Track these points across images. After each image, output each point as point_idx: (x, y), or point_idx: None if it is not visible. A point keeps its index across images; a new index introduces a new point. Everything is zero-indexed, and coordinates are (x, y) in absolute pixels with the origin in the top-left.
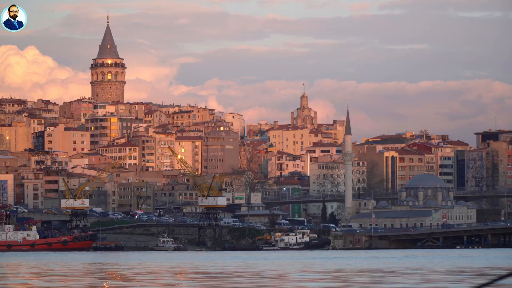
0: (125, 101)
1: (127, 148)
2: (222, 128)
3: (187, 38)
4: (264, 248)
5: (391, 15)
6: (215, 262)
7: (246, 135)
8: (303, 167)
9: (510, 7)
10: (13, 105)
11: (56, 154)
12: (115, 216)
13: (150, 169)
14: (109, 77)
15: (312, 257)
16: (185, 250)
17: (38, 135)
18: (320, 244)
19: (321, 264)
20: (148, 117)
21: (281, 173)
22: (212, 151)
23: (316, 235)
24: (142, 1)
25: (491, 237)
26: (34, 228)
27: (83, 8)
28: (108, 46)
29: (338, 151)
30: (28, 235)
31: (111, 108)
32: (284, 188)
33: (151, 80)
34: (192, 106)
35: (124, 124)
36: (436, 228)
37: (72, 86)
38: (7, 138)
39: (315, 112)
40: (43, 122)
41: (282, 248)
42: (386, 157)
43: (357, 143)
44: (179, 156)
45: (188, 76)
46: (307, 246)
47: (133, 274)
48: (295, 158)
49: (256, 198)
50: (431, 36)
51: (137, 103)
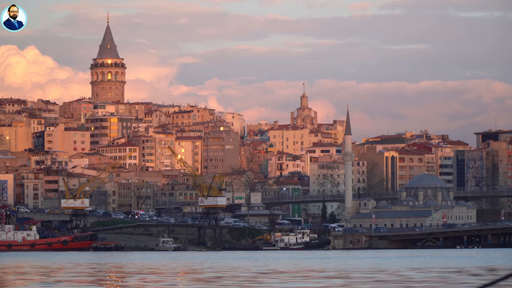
0: (125, 101)
1: (127, 148)
2: (222, 128)
3: (187, 38)
4: (264, 248)
5: (391, 15)
6: (210, 262)
7: (246, 135)
8: (303, 167)
9: (510, 7)
10: (13, 105)
11: (56, 154)
12: (118, 217)
13: (150, 169)
14: (109, 77)
15: (309, 257)
16: (185, 250)
17: (38, 135)
18: (320, 244)
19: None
20: (148, 117)
21: (281, 173)
22: (212, 151)
23: (316, 235)
24: (142, 1)
25: (491, 237)
26: (34, 228)
27: (83, 8)
28: (108, 46)
29: (338, 151)
30: (28, 235)
31: (111, 108)
32: (284, 188)
33: (151, 80)
34: (192, 106)
35: (124, 124)
36: (436, 228)
37: (72, 86)
38: (7, 138)
39: (315, 112)
40: (43, 122)
41: (282, 248)
42: (386, 157)
43: (357, 143)
44: (179, 156)
45: (188, 76)
46: (307, 246)
47: (132, 274)
48: (295, 158)
49: (256, 198)
50: (431, 36)
51: (137, 103)
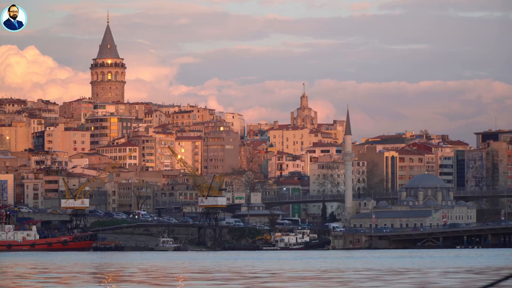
0: (125, 101)
1: (127, 148)
2: (222, 128)
3: (187, 38)
4: (264, 248)
5: (391, 15)
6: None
7: (246, 135)
8: (303, 167)
9: (510, 7)
10: (13, 105)
11: (56, 154)
12: (120, 217)
13: (150, 169)
14: (109, 77)
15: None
16: (185, 250)
17: (38, 135)
18: (320, 244)
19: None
20: (148, 117)
21: (281, 173)
22: (212, 151)
23: (316, 235)
24: (142, 1)
25: (491, 237)
26: (34, 228)
27: (83, 8)
28: (108, 46)
29: (338, 151)
30: (28, 235)
31: (111, 108)
32: (284, 188)
33: (151, 80)
34: (192, 106)
35: (124, 124)
36: (436, 228)
37: (72, 86)
38: (7, 138)
39: (315, 112)
40: (43, 122)
41: (282, 248)
42: (386, 157)
43: (357, 143)
44: (179, 156)
45: (188, 76)
46: (307, 246)
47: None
48: (295, 158)
49: (256, 198)
50: (431, 36)
51: (137, 103)
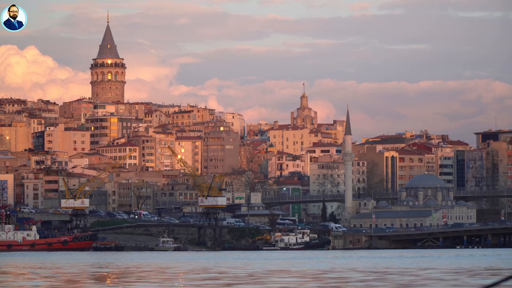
0: (125, 101)
1: (127, 148)
2: (222, 128)
3: (187, 38)
4: (264, 248)
5: (391, 15)
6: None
7: (246, 135)
8: (303, 167)
9: (510, 7)
10: (13, 105)
11: (56, 154)
12: (122, 217)
13: (150, 169)
14: (109, 77)
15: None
16: (185, 250)
17: (38, 135)
18: (320, 244)
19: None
20: (148, 117)
21: (281, 173)
22: (212, 151)
23: (316, 235)
24: (142, 1)
25: (491, 237)
26: (34, 228)
27: (83, 8)
28: (108, 46)
29: (338, 151)
30: (28, 235)
31: (111, 108)
32: (284, 188)
33: (151, 80)
34: (192, 106)
35: (124, 124)
36: (436, 228)
37: (72, 86)
38: (7, 138)
39: (315, 112)
40: (43, 122)
41: (282, 248)
42: (386, 157)
43: (357, 143)
44: (179, 156)
45: (188, 76)
46: (307, 246)
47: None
48: (295, 158)
49: (256, 198)
50: (431, 36)
51: (137, 103)
